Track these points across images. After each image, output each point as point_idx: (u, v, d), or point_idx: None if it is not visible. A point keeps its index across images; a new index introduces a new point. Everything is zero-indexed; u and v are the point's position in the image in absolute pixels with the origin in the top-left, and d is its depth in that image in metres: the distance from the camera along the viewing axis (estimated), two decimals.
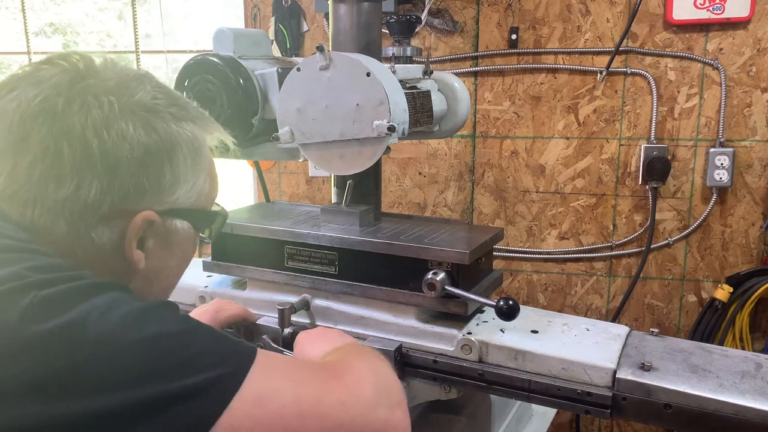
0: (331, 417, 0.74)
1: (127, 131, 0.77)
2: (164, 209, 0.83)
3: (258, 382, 0.71)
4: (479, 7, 2.49)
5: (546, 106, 2.49)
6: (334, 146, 1.31)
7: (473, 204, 2.66)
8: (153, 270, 0.86)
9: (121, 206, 0.79)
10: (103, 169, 0.76)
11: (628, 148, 2.45)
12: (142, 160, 0.79)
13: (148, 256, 0.83)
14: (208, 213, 0.91)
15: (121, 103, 0.78)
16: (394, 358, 1.23)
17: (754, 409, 1.02)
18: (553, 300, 2.65)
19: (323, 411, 0.74)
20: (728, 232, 2.42)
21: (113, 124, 0.77)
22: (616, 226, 2.53)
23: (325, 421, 0.74)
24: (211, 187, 0.91)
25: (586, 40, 2.41)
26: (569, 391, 1.14)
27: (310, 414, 0.73)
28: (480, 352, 1.22)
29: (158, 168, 0.81)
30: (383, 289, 1.31)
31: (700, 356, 1.16)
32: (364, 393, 0.79)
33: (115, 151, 0.76)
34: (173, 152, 0.82)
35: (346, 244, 1.34)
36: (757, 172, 2.35)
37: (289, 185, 2.87)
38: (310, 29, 2.69)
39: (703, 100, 2.35)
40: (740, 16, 2.24)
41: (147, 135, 0.79)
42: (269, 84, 1.37)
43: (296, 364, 0.84)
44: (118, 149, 0.77)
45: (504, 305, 1.15)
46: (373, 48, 1.46)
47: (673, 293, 2.53)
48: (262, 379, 0.72)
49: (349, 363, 0.86)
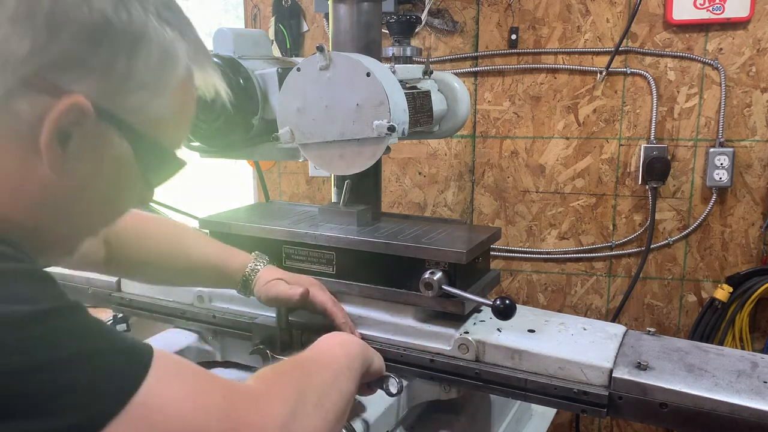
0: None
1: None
2: (104, 107, 0.68)
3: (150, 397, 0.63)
4: (479, 7, 2.49)
5: (546, 106, 2.50)
6: (334, 146, 1.31)
7: (473, 204, 2.66)
8: (70, 182, 0.69)
9: (52, 76, 0.65)
10: (44, 25, 0.63)
11: (628, 148, 2.45)
12: (97, 33, 0.66)
13: (68, 159, 0.67)
14: (156, 146, 0.75)
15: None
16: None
17: (749, 408, 1.02)
18: (553, 300, 2.65)
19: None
20: (728, 232, 2.42)
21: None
22: (616, 226, 2.53)
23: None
24: (174, 121, 0.76)
25: (586, 40, 2.41)
26: (566, 390, 1.14)
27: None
28: (477, 352, 1.22)
29: (112, 51, 0.67)
30: (380, 289, 1.31)
31: (697, 355, 1.17)
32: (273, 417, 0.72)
33: (69, 9, 0.64)
34: (138, 42, 0.69)
35: (343, 244, 1.34)
36: (757, 172, 2.35)
37: (289, 185, 2.88)
38: (310, 29, 2.70)
39: (702, 100, 2.35)
40: (740, 16, 2.24)
41: (114, 10, 0.67)
42: (269, 84, 1.38)
43: (196, 380, 0.71)
44: (74, 9, 0.64)
45: (501, 304, 1.15)
46: (373, 48, 1.47)
47: (672, 293, 2.53)
48: (154, 395, 0.64)
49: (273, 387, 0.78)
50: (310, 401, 0.80)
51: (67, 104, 0.65)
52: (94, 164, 0.70)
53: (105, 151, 0.70)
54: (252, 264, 1.29)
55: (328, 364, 0.93)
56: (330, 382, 0.88)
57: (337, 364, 0.95)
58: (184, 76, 0.75)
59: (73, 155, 0.67)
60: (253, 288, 1.28)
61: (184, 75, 0.75)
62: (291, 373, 0.85)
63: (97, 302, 1.64)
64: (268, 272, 1.29)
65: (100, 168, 0.71)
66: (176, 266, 1.28)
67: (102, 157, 0.71)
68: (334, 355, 0.98)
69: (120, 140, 0.71)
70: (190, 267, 1.29)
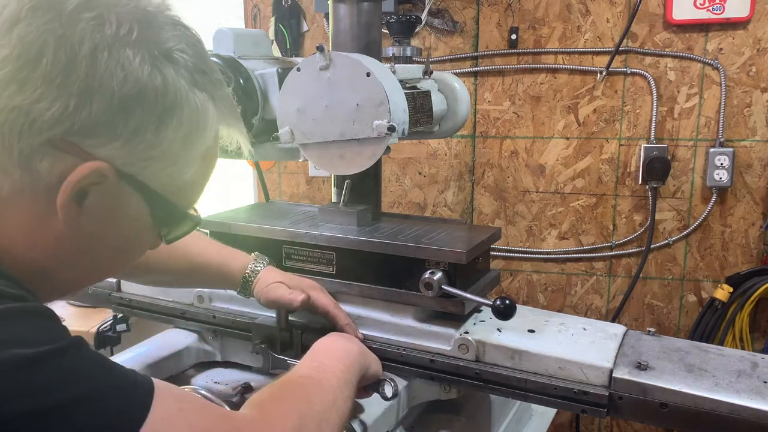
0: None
1: (130, 63, 0.65)
2: (126, 172, 0.68)
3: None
4: (479, 7, 2.49)
5: (546, 106, 2.50)
6: (334, 146, 1.31)
7: (473, 204, 2.66)
8: (83, 236, 0.70)
9: (77, 140, 0.64)
10: (78, 91, 0.63)
11: (628, 148, 2.45)
12: (130, 101, 0.65)
13: (82, 215, 0.67)
14: (177, 210, 0.76)
15: (142, 33, 0.66)
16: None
17: (749, 408, 1.02)
18: (553, 300, 2.65)
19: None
20: (728, 232, 2.42)
21: (119, 49, 0.65)
22: (616, 226, 2.53)
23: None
24: (194, 184, 0.77)
25: (586, 40, 2.41)
26: (566, 390, 1.14)
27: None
28: (477, 352, 1.22)
29: (143, 119, 0.67)
30: (380, 289, 1.31)
31: (697, 355, 1.17)
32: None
33: (104, 76, 0.64)
34: (170, 111, 0.69)
35: (343, 244, 1.34)
36: (757, 172, 2.35)
37: (289, 185, 2.88)
38: (310, 29, 2.70)
39: (703, 100, 2.35)
40: (740, 16, 2.24)
41: (150, 76, 0.66)
42: (269, 84, 1.38)
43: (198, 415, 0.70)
44: (109, 76, 0.64)
45: (501, 304, 1.15)
46: (373, 48, 1.47)
47: (673, 293, 2.53)
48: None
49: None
50: (310, 428, 0.80)
51: (88, 169, 0.65)
52: (109, 221, 0.71)
53: (121, 210, 0.71)
54: (252, 265, 1.29)
55: (328, 386, 0.92)
56: (330, 405, 0.87)
57: (337, 381, 0.94)
58: (211, 143, 0.75)
59: (88, 212, 0.68)
60: (253, 290, 1.28)
61: (211, 142, 0.75)
62: (290, 401, 0.84)
63: (97, 302, 1.63)
64: (268, 274, 1.28)
65: (115, 224, 0.72)
66: (175, 268, 1.28)
67: (118, 215, 0.71)
68: (333, 372, 0.96)
69: (138, 201, 0.71)
70: (189, 269, 1.29)
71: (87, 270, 0.76)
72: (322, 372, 0.96)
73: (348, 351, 1.05)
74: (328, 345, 1.06)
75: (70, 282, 0.76)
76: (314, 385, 0.90)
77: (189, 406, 0.70)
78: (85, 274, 0.77)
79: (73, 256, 0.71)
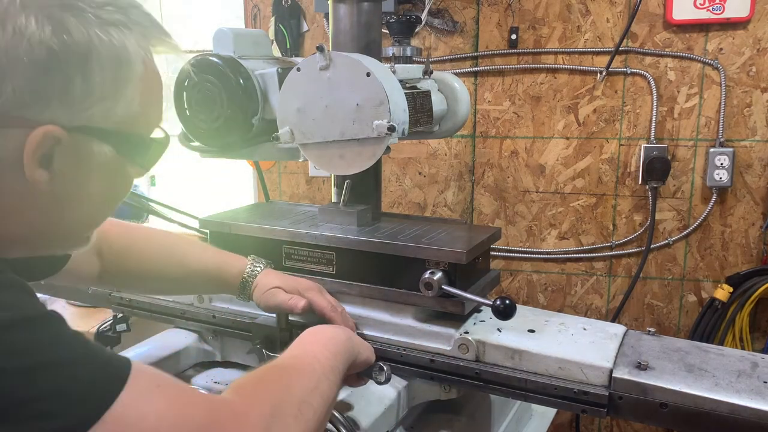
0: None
1: (26, 27, 0.65)
2: (74, 125, 0.70)
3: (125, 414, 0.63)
4: (479, 7, 2.49)
5: (546, 106, 2.50)
6: (334, 146, 1.31)
7: (473, 204, 2.66)
8: (64, 193, 0.73)
9: (17, 114, 0.67)
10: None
11: (628, 148, 2.45)
12: (45, 63, 0.66)
13: (55, 176, 0.71)
14: (136, 137, 0.78)
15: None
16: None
17: (749, 408, 1.02)
18: (553, 300, 2.65)
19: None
20: (728, 232, 2.43)
21: (11, 17, 0.65)
22: (616, 226, 2.53)
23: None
24: (145, 110, 0.78)
25: (586, 40, 2.41)
26: (566, 390, 1.14)
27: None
28: (477, 352, 1.22)
29: (65, 76, 0.68)
30: (380, 289, 1.31)
31: (697, 355, 1.17)
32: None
33: (9, 49, 0.65)
34: (87, 60, 0.69)
35: (343, 244, 1.34)
36: (757, 172, 2.35)
37: (289, 185, 2.88)
38: (310, 29, 2.70)
39: (703, 100, 2.35)
40: (740, 16, 2.24)
41: (55, 34, 0.67)
42: (269, 84, 1.38)
43: (173, 393, 0.71)
44: (13, 48, 0.65)
45: (501, 304, 1.15)
46: (373, 48, 1.47)
47: (673, 293, 2.53)
48: (130, 410, 0.64)
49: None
50: (289, 413, 0.79)
51: (38, 136, 0.68)
52: (82, 172, 0.74)
53: (88, 159, 0.74)
54: (249, 268, 1.29)
55: (310, 371, 0.91)
56: (311, 389, 0.87)
57: (320, 367, 0.93)
58: (142, 69, 0.76)
59: (59, 172, 0.71)
60: (251, 294, 1.28)
61: (142, 69, 0.76)
62: (269, 385, 0.84)
63: (97, 302, 1.63)
64: (266, 278, 1.28)
65: (89, 173, 0.75)
66: (171, 276, 1.28)
67: (88, 165, 0.74)
68: (316, 357, 0.95)
69: (98, 145, 0.74)
70: (185, 276, 1.28)
71: (81, 219, 0.80)
72: (304, 358, 0.95)
73: (334, 338, 1.04)
74: (315, 332, 1.06)
75: (72, 233, 0.80)
76: (295, 370, 0.90)
77: (166, 384, 0.71)
78: (81, 224, 0.81)
79: (62, 212, 0.75)
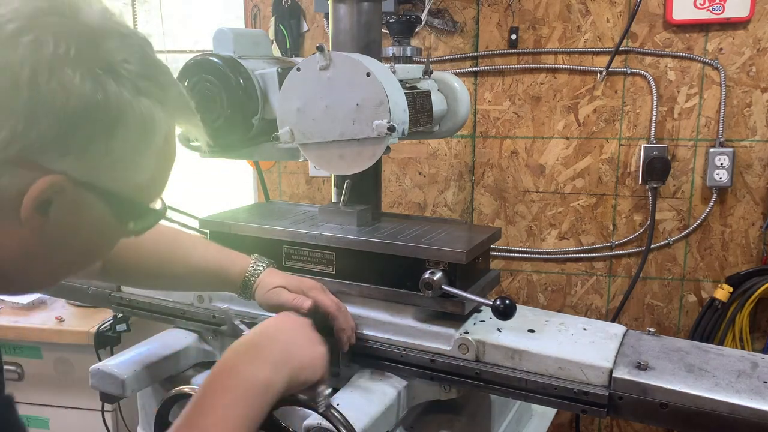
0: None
1: (70, 81, 0.67)
2: (83, 180, 0.71)
3: None
4: (479, 7, 2.49)
5: (546, 106, 2.50)
6: (334, 146, 1.31)
7: (473, 204, 2.66)
8: (51, 238, 0.74)
9: (33, 158, 0.68)
10: (24, 113, 0.66)
11: (628, 148, 2.45)
12: (75, 118, 0.68)
13: (48, 222, 0.71)
14: (135, 205, 0.79)
15: (81, 50, 0.68)
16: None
17: (749, 408, 1.02)
18: (553, 300, 2.65)
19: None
20: (728, 232, 2.43)
21: (59, 68, 0.66)
22: (616, 226, 2.53)
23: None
24: (154, 181, 0.80)
25: (586, 40, 2.41)
26: (566, 390, 1.14)
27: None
28: (477, 352, 1.22)
29: (90, 133, 0.70)
30: (380, 289, 1.31)
31: (697, 355, 1.17)
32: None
33: (47, 97, 0.66)
34: (116, 122, 0.71)
35: (343, 244, 1.34)
36: (757, 172, 2.35)
37: (289, 185, 2.88)
38: (310, 29, 2.69)
39: (703, 100, 2.35)
40: (740, 16, 2.24)
41: (92, 92, 0.68)
42: (269, 84, 1.38)
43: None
44: (52, 97, 0.66)
45: (501, 304, 1.15)
46: (373, 48, 1.47)
47: (673, 293, 2.53)
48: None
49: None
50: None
51: (45, 183, 0.68)
52: (73, 224, 0.74)
53: (84, 213, 0.74)
54: (251, 267, 1.28)
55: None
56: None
57: (223, 426, 0.84)
58: (162, 143, 0.77)
59: (53, 219, 0.71)
60: (254, 293, 1.27)
61: (162, 143, 0.77)
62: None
63: (97, 302, 1.63)
64: (269, 277, 1.27)
65: (80, 227, 0.75)
66: (173, 272, 1.27)
67: (81, 219, 0.75)
68: (217, 416, 0.85)
69: (98, 203, 0.74)
70: (187, 273, 1.28)
71: (58, 268, 0.80)
72: (208, 419, 0.85)
73: (247, 379, 0.90)
74: (218, 376, 0.91)
75: (45, 278, 0.81)
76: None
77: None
78: (57, 273, 0.81)
79: (43, 259, 0.76)
